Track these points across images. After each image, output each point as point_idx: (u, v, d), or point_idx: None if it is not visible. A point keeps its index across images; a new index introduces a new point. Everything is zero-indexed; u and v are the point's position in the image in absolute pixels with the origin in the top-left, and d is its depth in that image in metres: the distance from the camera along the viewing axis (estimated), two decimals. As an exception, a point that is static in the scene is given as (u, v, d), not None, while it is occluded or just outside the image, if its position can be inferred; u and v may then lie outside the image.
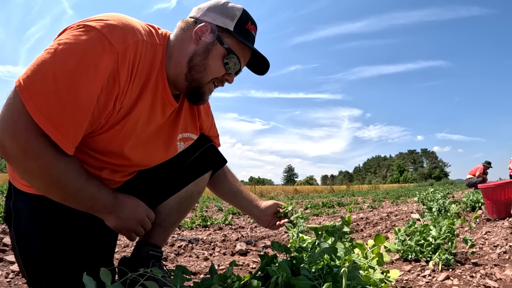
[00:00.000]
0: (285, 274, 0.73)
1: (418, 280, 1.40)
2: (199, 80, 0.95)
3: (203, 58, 0.93)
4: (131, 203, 0.97)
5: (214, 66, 0.94)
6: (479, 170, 9.43)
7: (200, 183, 1.27)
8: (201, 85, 0.96)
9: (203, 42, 0.93)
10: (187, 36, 0.94)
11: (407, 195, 10.59)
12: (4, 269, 1.48)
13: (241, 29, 0.95)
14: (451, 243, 1.72)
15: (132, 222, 0.96)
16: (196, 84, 0.95)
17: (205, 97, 1.00)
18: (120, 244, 2.21)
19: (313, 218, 4.75)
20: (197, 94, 0.98)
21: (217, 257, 2.08)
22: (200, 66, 0.93)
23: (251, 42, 0.98)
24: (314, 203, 7.90)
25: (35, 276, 0.94)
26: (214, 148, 1.30)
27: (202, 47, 0.93)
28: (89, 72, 0.75)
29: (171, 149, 1.10)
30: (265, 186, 27.98)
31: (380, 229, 3.15)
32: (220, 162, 1.33)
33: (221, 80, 0.99)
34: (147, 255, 1.19)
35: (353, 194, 15.65)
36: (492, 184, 3.43)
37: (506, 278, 1.31)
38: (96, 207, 0.90)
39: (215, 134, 1.34)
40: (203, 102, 1.03)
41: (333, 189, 25.90)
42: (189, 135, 1.14)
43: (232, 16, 0.94)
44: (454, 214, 3.26)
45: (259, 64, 1.05)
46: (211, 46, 0.93)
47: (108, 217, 0.93)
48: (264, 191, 20.30)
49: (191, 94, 0.98)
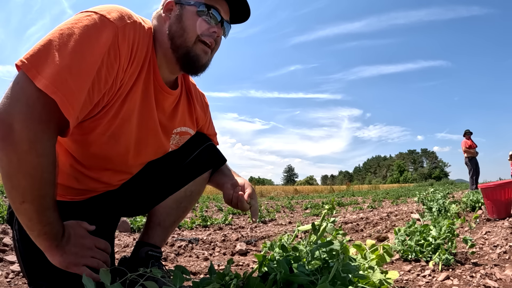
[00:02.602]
0: (283, 271, 0.73)
1: (418, 280, 1.40)
2: (184, 44, 0.93)
3: (178, 23, 0.93)
4: (74, 233, 0.88)
5: (192, 24, 0.92)
6: (465, 144, 8.86)
7: (199, 182, 1.25)
8: (188, 47, 0.93)
9: (173, 14, 0.94)
10: (161, 18, 0.96)
11: (407, 195, 10.59)
12: (4, 269, 1.48)
13: None
14: (451, 243, 1.72)
15: (83, 252, 0.87)
16: (183, 49, 0.93)
17: (199, 59, 0.96)
18: (120, 244, 2.21)
19: (313, 218, 4.75)
20: (190, 59, 0.95)
21: (217, 257, 2.08)
22: (178, 31, 0.93)
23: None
24: (314, 203, 7.89)
25: (35, 277, 0.94)
26: (214, 147, 1.28)
27: (174, 17, 0.93)
28: (91, 42, 0.76)
29: (166, 143, 1.09)
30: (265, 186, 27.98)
31: (380, 229, 3.15)
32: (220, 161, 1.29)
33: (208, 35, 0.95)
34: (147, 256, 1.19)
35: (353, 194, 15.65)
36: (492, 184, 3.43)
37: (506, 278, 1.31)
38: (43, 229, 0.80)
39: (213, 132, 1.33)
40: (203, 67, 0.99)
41: (333, 189, 25.90)
42: (186, 129, 1.14)
43: None
44: (454, 214, 3.26)
45: (240, 10, 1.01)
46: (180, 11, 0.93)
47: (53, 251, 0.83)
48: (264, 191, 20.30)
49: (185, 62, 0.95)
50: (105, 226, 1.13)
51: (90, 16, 0.78)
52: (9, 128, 0.68)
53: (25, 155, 0.71)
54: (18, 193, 0.75)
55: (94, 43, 0.76)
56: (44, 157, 0.74)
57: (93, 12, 0.80)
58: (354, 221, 3.80)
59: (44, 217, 0.79)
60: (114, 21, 0.80)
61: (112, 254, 1.14)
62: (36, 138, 0.71)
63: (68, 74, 0.72)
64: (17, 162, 0.71)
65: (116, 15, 0.81)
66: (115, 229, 1.22)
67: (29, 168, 0.72)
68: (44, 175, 0.75)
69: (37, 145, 0.71)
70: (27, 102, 0.70)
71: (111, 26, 0.79)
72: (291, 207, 7.00)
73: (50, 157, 0.76)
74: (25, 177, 0.73)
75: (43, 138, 0.72)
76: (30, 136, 0.70)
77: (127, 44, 0.83)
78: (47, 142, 0.74)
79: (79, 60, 0.74)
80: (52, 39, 0.73)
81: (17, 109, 0.69)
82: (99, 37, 0.77)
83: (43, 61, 0.71)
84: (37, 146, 0.72)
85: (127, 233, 2.91)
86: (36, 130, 0.71)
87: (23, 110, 0.69)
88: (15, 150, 0.70)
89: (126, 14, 0.85)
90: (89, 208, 1.05)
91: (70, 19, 0.78)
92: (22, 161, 0.71)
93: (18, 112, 0.69)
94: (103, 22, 0.78)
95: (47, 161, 0.76)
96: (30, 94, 0.70)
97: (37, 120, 0.70)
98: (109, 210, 1.13)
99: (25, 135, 0.69)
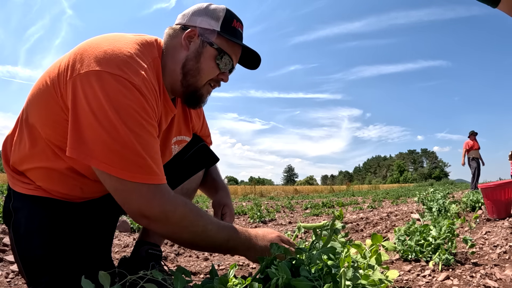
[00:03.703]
0: (285, 276, 0.73)
1: (418, 280, 1.40)
2: (195, 84, 0.97)
3: (196, 62, 0.95)
4: (262, 234, 1.01)
5: (207, 68, 0.96)
6: (467, 145, 8.86)
7: (194, 180, 1.32)
8: (197, 88, 0.99)
9: (193, 47, 0.95)
10: (177, 43, 0.96)
11: (407, 195, 10.59)
12: (4, 269, 1.48)
13: (228, 28, 0.96)
14: (451, 243, 1.72)
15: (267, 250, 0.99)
16: (193, 88, 0.98)
17: (203, 99, 1.03)
18: (120, 244, 2.21)
19: (313, 218, 4.75)
20: (195, 97, 1.00)
21: (217, 257, 2.08)
22: (194, 70, 0.95)
23: (239, 39, 0.99)
24: (314, 203, 7.89)
25: (34, 276, 0.94)
26: (206, 147, 1.35)
27: (193, 52, 0.95)
28: (140, 122, 0.80)
29: (166, 153, 1.12)
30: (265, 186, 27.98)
31: (380, 229, 3.15)
32: (212, 160, 1.39)
33: (216, 80, 1.01)
34: (147, 254, 1.19)
35: (353, 194, 15.65)
36: (492, 184, 3.43)
37: (506, 278, 1.31)
38: (235, 246, 0.95)
39: (206, 133, 1.39)
40: (202, 105, 1.06)
41: (333, 189, 25.90)
42: (182, 137, 1.17)
43: (216, 17, 0.96)
44: (454, 214, 3.25)
45: (251, 58, 1.06)
46: (201, 49, 0.95)
47: (246, 253, 0.98)
48: (264, 191, 20.29)
49: (189, 98, 1.01)
50: (105, 226, 1.13)
51: (110, 84, 0.77)
52: (163, 217, 0.84)
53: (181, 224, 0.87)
54: (205, 245, 0.92)
55: (141, 120, 0.80)
56: (178, 208, 0.85)
57: (108, 74, 0.77)
58: (354, 221, 3.80)
59: (228, 245, 0.94)
60: (135, 83, 0.80)
61: (109, 253, 1.15)
62: (167, 209, 0.83)
63: (153, 161, 0.82)
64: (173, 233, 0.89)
65: (132, 70, 0.80)
66: (115, 228, 1.22)
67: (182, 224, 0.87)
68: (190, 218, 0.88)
69: (171, 214, 0.84)
70: (146, 195, 0.81)
71: (136, 90, 0.80)
72: (291, 207, 7.00)
73: (187, 206, 0.88)
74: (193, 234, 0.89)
75: (176, 198, 0.86)
76: (166, 214, 0.83)
77: (151, 97, 0.85)
78: (179, 198, 0.87)
79: (145, 143, 0.80)
80: (107, 140, 0.76)
81: (153, 204, 0.82)
82: (141, 111, 0.80)
83: (131, 165, 0.79)
84: (166, 210, 0.83)
85: (127, 233, 2.91)
86: (164, 207, 0.83)
87: (143, 203, 0.81)
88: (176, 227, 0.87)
89: (135, 62, 0.83)
90: (89, 208, 1.05)
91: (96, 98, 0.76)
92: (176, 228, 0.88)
93: (156, 205, 0.82)
94: (129, 90, 0.78)
95: (192, 211, 0.88)
96: (145, 191, 0.81)
97: (158, 202, 0.82)
98: (108, 209, 1.13)
99: (165, 216, 0.83)
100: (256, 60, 1.06)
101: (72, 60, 0.82)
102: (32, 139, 0.93)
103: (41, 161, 0.93)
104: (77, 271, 0.91)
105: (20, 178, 0.98)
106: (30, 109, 0.92)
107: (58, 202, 0.98)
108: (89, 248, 1.00)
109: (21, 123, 0.96)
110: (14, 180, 0.99)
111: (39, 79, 0.91)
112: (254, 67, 1.09)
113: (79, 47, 0.86)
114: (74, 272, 0.91)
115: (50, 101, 0.86)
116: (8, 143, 1.02)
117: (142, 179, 0.79)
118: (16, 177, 0.99)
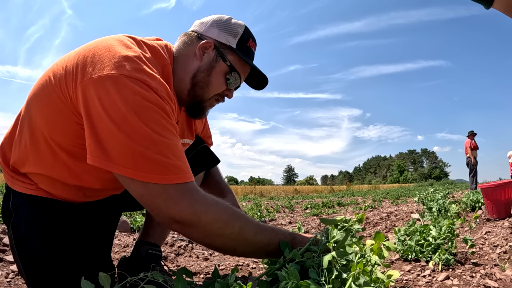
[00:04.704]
0: (296, 281, 0.71)
1: (418, 280, 1.40)
2: (202, 96, 0.97)
3: (207, 75, 0.95)
4: (300, 238, 0.95)
5: (216, 83, 0.96)
6: (469, 145, 9.02)
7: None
8: (203, 100, 0.98)
9: (206, 58, 0.94)
10: (191, 51, 0.95)
11: (407, 195, 10.58)
12: (4, 269, 1.48)
13: (243, 46, 0.97)
14: (451, 243, 1.72)
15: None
16: (198, 99, 0.98)
17: (205, 111, 1.03)
18: (120, 244, 2.21)
19: (313, 218, 4.75)
20: (198, 109, 1.01)
21: (217, 257, 2.08)
22: (203, 83, 0.95)
23: (251, 59, 1.00)
24: (314, 203, 7.89)
25: (34, 276, 0.93)
26: (207, 149, 1.36)
27: (206, 64, 0.94)
28: (162, 123, 0.78)
29: None
30: (265, 186, 27.97)
31: (380, 229, 3.15)
32: (213, 161, 1.38)
33: (221, 95, 1.02)
34: (147, 254, 1.19)
35: (353, 194, 15.65)
36: (492, 184, 3.43)
37: (506, 278, 1.31)
38: (274, 249, 0.89)
39: (208, 134, 1.40)
40: (203, 117, 1.06)
41: (333, 189, 25.90)
42: (185, 141, 1.17)
43: (235, 33, 0.96)
44: (454, 214, 3.25)
45: (258, 79, 1.07)
46: (214, 63, 0.94)
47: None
48: (264, 191, 20.30)
49: (192, 109, 1.01)
50: (105, 226, 1.13)
51: (126, 86, 0.75)
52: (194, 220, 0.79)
53: (212, 226, 0.81)
54: (244, 248, 0.87)
55: (162, 120, 0.78)
56: (210, 208, 0.81)
57: (123, 77, 0.75)
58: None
59: (267, 249, 0.89)
60: (152, 85, 0.78)
61: (109, 254, 1.15)
62: (198, 210, 0.79)
63: (178, 160, 0.79)
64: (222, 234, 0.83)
65: (147, 73, 0.79)
66: (115, 228, 1.22)
67: (215, 226, 0.82)
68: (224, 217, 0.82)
69: (202, 214, 0.80)
70: (173, 197, 0.78)
71: (154, 92, 0.78)
72: (291, 207, 7.00)
73: (219, 205, 0.83)
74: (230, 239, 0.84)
75: (201, 205, 0.80)
76: (197, 215, 0.79)
77: (169, 98, 0.83)
78: (203, 201, 0.81)
79: (168, 142, 0.77)
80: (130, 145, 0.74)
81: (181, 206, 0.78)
82: (161, 110, 0.78)
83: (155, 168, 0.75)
84: (197, 210, 0.79)
85: (127, 233, 2.91)
86: (193, 208, 0.79)
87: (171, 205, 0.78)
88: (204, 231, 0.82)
89: (150, 64, 0.82)
90: (90, 209, 1.05)
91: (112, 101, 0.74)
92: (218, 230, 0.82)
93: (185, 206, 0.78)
94: (148, 91, 0.77)
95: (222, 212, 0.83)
96: (172, 192, 0.78)
97: (187, 202, 0.78)
98: (109, 209, 1.14)
99: (196, 217, 0.79)
100: (263, 82, 1.06)
101: (82, 63, 0.79)
102: (33, 138, 0.90)
103: (43, 167, 0.92)
104: (77, 272, 0.91)
105: (21, 179, 0.97)
106: (32, 106, 0.90)
107: (58, 203, 0.97)
108: (89, 249, 1.00)
109: (22, 122, 0.93)
110: (13, 180, 0.98)
111: (42, 77, 0.89)
112: (259, 88, 1.09)
113: (89, 48, 0.82)
114: (74, 273, 0.91)
115: (54, 99, 0.83)
116: (7, 143, 0.99)
117: (168, 180, 0.76)
118: (16, 177, 0.98)
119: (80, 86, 0.77)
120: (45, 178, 0.94)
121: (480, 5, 0.72)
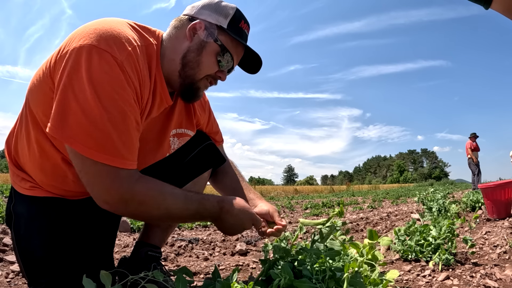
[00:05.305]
0: (287, 277, 0.72)
1: (418, 280, 1.40)
2: (192, 76, 0.95)
3: (197, 55, 0.93)
4: (236, 211, 0.96)
5: (207, 63, 0.95)
6: (469, 146, 9.25)
7: (199, 182, 1.25)
8: (194, 81, 0.97)
9: (197, 38, 0.94)
10: (181, 33, 0.95)
11: (407, 195, 10.58)
12: (4, 269, 1.48)
13: (235, 27, 0.96)
14: (451, 243, 1.72)
15: (238, 229, 0.98)
16: (190, 80, 0.96)
17: (199, 93, 1.01)
18: (120, 244, 2.21)
19: (313, 218, 4.75)
20: (191, 90, 0.99)
21: (217, 257, 2.08)
22: (193, 63, 0.94)
23: (244, 40, 0.98)
24: (314, 203, 7.89)
25: (34, 276, 0.94)
26: (213, 146, 1.26)
27: (196, 44, 0.93)
28: (117, 99, 0.77)
29: (164, 145, 1.09)
30: (265, 186, 27.98)
31: (380, 229, 3.15)
32: (219, 160, 1.28)
33: (214, 77, 1.00)
34: (146, 256, 1.19)
35: (353, 194, 15.65)
36: (492, 184, 3.43)
37: (506, 278, 1.31)
38: (203, 218, 0.95)
39: (215, 129, 1.31)
40: (197, 99, 1.04)
41: (333, 189, 25.89)
42: (184, 130, 1.13)
43: (225, 14, 0.95)
44: (454, 214, 3.25)
45: (252, 62, 1.05)
46: (204, 42, 0.93)
47: (215, 223, 0.97)
48: (264, 191, 20.29)
49: (185, 91, 0.99)
50: (107, 225, 1.13)
51: (92, 56, 0.76)
52: (123, 201, 0.81)
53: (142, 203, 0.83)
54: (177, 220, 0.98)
55: (117, 98, 0.77)
56: (150, 191, 0.84)
57: (92, 46, 0.76)
58: (354, 221, 3.80)
59: (194, 218, 0.95)
60: (118, 56, 0.78)
61: (111, 254, 1.15)
62: (125, 198, 0.81)
63: (122, 143, 0.79)
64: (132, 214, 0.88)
65: (117, 46, 0.79)
66: (117, 228, 1.22)
67: (142, 209, 0.84)
68: (153, 200, 0.85)
69: (129, 201, 0.81)
70: (105, 181, 0.79)
71: (118, 66, 0.78)
72: (291, 207, 7.00)
73: (150, 191, 0.84)
74: (166, 212, 0.87)
75: (135, 184, 0.82)
76: (130, 193, 0.81)
77: (135, 73, 0.83)
78: (141, 183, 0.83)
79: (116, 122, 0.77)
80: (79, 114, 0.74)
81: (114, 188, 0.80)
82: (119, 89, 0.78)
83: (105, 145, 0.76)
84: (130, 202, 0.81)
85: (127, 233, 2.91)
86: (122, 195, 0.80)
87: (102, 188, 0.80)
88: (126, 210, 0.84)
89: (125, 39, 0.82)
90: (90, 208, 1.05)
91: (79, 70, 0.75)
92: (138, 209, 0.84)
93: (117, 187, 0.79)
94: (108, 63, 0.77)
95: (157, 191, 0.85)
96: (105, 174, 0.78)
97: (116, 188, 0.79)
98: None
99: (130, 196, 0.81)
100: (257, 65, 1.05)
101: (64, 43, 0.82)
102: (30, 126, 0.92)
103: (42, 158, 0.92)
104: (78, 271, 0.91)
105: (19, 174, 0.99)
106: (29, 98, 0.92)
107: (58, 202, 0.97)
108: (90, 248, 1.00)
109: (25, 114, 0.95)
110: (14, 177, 1.00)
111: (37, 71, 0.91)
112: (254, 71, 1.08)
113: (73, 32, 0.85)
114: (75, 272, 0.91)
115: (44, 85, 0.85)
116: (11, 137, 1.02)
117: (102, 159, 0.76)
118: (16, 172, 0.99)
119: (60, 59, 0.80)
120: (35, 163, 0.95)
121: (480, 6, 0.72)
